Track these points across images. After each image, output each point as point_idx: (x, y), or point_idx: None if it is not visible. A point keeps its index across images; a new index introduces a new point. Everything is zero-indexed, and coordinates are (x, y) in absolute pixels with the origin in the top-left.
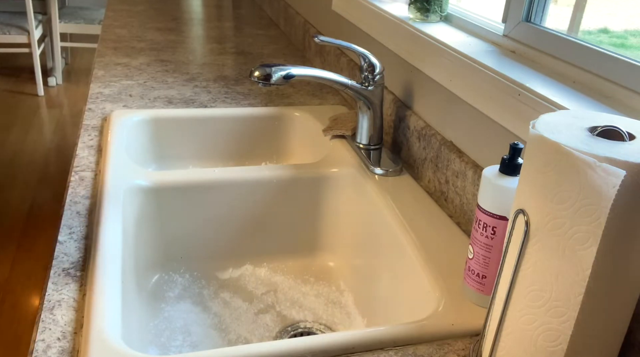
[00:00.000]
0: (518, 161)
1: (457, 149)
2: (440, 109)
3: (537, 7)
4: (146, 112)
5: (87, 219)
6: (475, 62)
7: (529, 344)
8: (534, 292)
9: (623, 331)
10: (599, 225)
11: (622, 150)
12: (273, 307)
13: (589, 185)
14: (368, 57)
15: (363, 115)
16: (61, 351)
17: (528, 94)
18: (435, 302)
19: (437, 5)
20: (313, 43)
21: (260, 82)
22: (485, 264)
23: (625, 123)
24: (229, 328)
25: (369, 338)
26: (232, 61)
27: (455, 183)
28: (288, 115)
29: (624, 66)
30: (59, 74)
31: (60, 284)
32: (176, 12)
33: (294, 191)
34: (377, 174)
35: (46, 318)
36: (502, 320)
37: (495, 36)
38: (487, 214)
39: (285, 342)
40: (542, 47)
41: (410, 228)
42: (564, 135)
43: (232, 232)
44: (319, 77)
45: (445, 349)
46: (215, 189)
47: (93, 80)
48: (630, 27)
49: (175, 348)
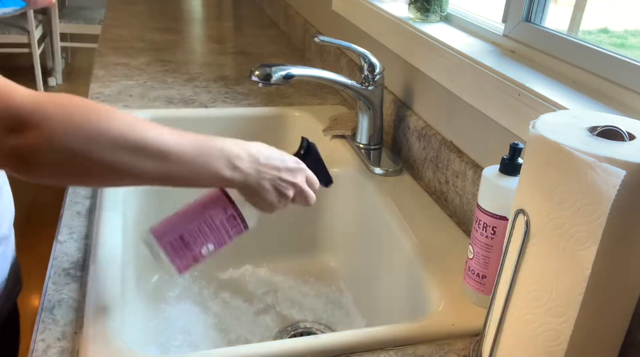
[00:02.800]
0: (518, 161)
1: (457, 149)
2: (440, 109)
3: (537, 7)
4: (146, 112)
5: (87, 219)
6: (475, 62)
7: (529, 344)
8: (534, 292)
9: (623, 331)
10: (599, 225)
11: (622, 151)
12: (273, 307)
13: (589, 185)
14: (368, 57)
15: (363, 115)
16: (61, 351)
17: (528, 94)
18: (435, 302)
19: (437, 5)
20: (313, 43)
21: (260, 82)
22: (485, 264)
23: (625, 123)
24: (229, 328)
25: (369, 338)
26: (232, 61)
27: (455, 183)
28: (288, 115)
29: (624, 66)
30: (59, 74)
31: (60, 284)
32: (176, 12)
33: None
34: (377, 174)
35: (46, 318)
36: (502, 320)
37: (495, 36)
38: (487, 214)
39: (285, 342)
40: (542, 47)
41: (410, 228)
42: (564, 135)
43: None
44: (319, 77)
45: (445, 349)
46: None
47: (93, 80)
48: (630, 27)
49: (175, 348)
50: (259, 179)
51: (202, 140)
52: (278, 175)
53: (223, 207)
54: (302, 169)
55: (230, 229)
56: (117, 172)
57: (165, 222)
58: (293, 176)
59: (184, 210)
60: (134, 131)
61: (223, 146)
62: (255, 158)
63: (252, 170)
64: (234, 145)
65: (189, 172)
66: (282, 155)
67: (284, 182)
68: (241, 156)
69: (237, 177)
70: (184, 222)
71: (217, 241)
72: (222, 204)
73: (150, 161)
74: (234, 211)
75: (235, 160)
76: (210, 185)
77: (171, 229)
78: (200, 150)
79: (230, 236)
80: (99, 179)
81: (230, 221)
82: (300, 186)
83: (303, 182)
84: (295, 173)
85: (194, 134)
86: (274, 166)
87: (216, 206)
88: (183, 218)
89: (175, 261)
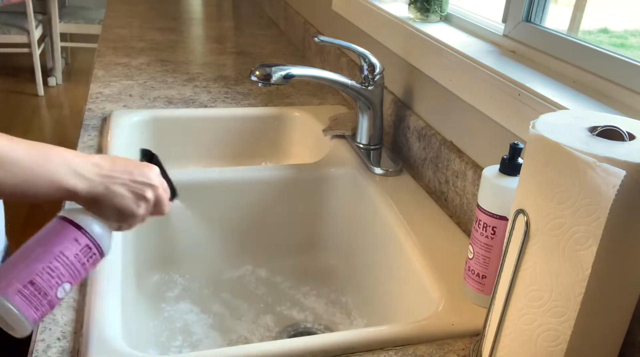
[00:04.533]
0: (518, 161)
1: (457, 149)
2: (440, 109)
3: (537, 7)
4: (146, 112)
5: None
6: (475, 62)
7: (529, 344)
8: (534, 292)
9: (623, 331)
10: (599, 225)
11: (622, 150)
12: (273, 307)
13: (589, 185)
14: (368, 57)
15: (363, 115)
16: (61, 351)
17: (528, 94)
18: (435, 302)
19: (437, 5)
20: (313, 43)
21: (260, 82)
22: (485, 264)
23: (625, 123)
24: (229, 328)
25: (369, 338)
26: (232, 61)
27: (455, 183)
28: (288, 115)
29: (624, 66)
30: (59, 74)
31: None
32: (176, 12)
33: (294, 191)
34: (377, 174)
35: (46, 318)
36: (502, 320)
37: (495, 36)
38: (487, 214)
39: (285, 342)
40: (542, 47)
41: (410, 228)
42: (564, 135)
43: (232, 232)
44: (319, 77)
45: (445, 349)
46: (216, 189)
47: (93, 80)
48: (630, 27)
49: (175, 348)
50: (109, 184)
51: (41, 147)
52: (130, 177)
53: (74, 237)
54: (153, 167)
55: (86, 261)
56: None
57: (4, 269)
58: (147, 177)
59: (23, 251)
60: None
61: (64, 154)
62: (99, 165)
63: (98, 176)
64: (75, 155)
65: (25, 180)
66: (126, 159)
67: (139, 184)
68: (83, 164)
69: (80, 186)
70: (29, 264)
71: (73, 277)
72: (72, 235)
73: None
74: (87, 240)
75: (78, 167)
76: (48, 196)
77: (16, 275)
78: (39, 156)
79: (87, 268)
80: None
81: (85, 251)
82: (157, 186)
83: (159, 181)
84: (149, 173)
85: (32, 142)
86: (124, 170)
87: (65, 237)
88: (26, 260)
89: (28, 312)
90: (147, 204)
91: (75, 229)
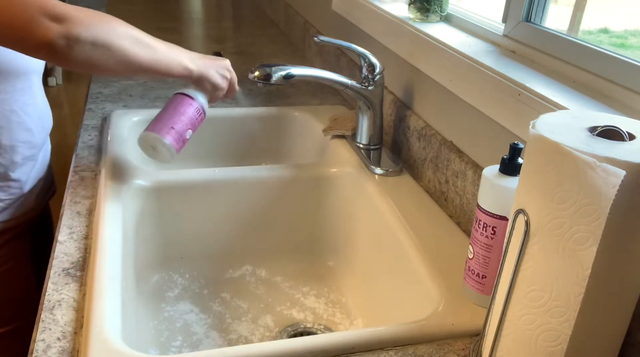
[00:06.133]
0: (518, 161)
1: (457, 149)
2: (440, 109)
3: (537, 7)
4: (146, 112)
5: (87, 219)
6: (475, 62)
7: (529, 344)
8: (534, 292)
9: (623, 331)
10: (599, 225)
11: (622, 151)
12: (273, 307)
13: (589, 185)
14: (368, 57)
15: (363, 115)
16: (61, 351)
17: (528, 94)
18: (435, 302)
19: (437, 5)
20: (313, 43)
21: (260, 82)
22: (485, 264)
23: (625, 123)
24: (229, 328)
25: (369, 338)
26: (232, 61)
27: (455, 183)
28: (288, 115)
29: (624, 66)
30: (59, 73)
31: (60, 284)
32: (176, 12)
33: (294, 191)
34: (377, 174)
35: (46, 318)
36: (502, 320)
37: (495, 36)
38: (487, 214)
39: (285, 342)
40: (542, 47)
41: (410, 228)
42: (564, 135)
43: (232, 232)
44: (319, 77)
45: (445, 349)
46: (215, 189)
47: (93, 80)
48: (630, 27)
49: (175, 348)
50: (207, 68)
51: (170, 43)
52: (217, 64)
53: (189, 103)
54: (227, 60)
55: (197, 117)
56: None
57: (154, 123)
58: (226, 65)
59: (163, 114)
60: (134, 29)
61: (181, 49)
62: (202, 57)
63: (202, 63)
64: (186, 51)
65: (167, 61)
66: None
67: (223, 68)
68: (193, 56)
69: (194, 68)
70: (169, 118)
71: (193, 127)
72: (188, 101)
73: (145, 49)
74: (197, 104)
75: (192, 57)
76: (173, 72)
77: (164, 124)
78: (170, 46)
79: (199, 122)
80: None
81: (197, 111)
82: (232, 71)
83: (232, 70)
84: (227, 64)
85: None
86: (213, 61)
87: (184, 104)
88: (166, 117)
89: (173, 143)
90: (227, 82)
91: (190, 98)
